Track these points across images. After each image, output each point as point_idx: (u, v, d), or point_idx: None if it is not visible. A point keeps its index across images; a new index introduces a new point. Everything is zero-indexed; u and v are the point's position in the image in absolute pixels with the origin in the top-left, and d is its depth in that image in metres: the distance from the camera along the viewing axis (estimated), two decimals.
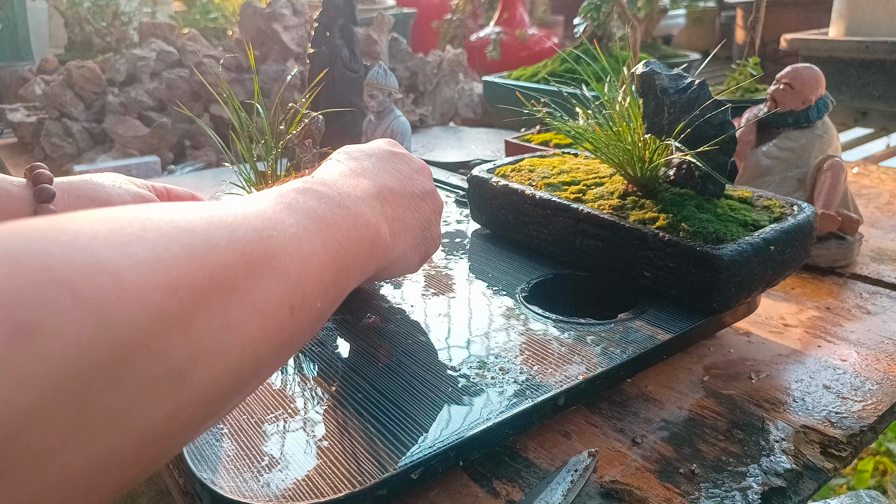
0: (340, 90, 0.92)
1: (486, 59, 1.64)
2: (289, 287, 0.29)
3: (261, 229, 0.29)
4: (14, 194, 0.45)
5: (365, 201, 0.38)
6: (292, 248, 0.30)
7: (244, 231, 0.28)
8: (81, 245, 0.21)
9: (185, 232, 0.25)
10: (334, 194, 0.36)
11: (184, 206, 0.27)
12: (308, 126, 0.55)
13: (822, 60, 1.49)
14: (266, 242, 0.28)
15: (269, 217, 0.30)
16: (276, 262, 0.28)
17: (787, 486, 0.37)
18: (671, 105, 0.51)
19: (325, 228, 0.33)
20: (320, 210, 0.34)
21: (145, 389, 0.21)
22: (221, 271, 0.25)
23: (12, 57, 1.87)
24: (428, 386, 0.41)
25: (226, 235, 0.26)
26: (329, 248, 0.33)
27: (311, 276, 0.31)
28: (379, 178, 0.42)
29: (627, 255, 0.51)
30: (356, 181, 0.40)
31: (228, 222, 0.27)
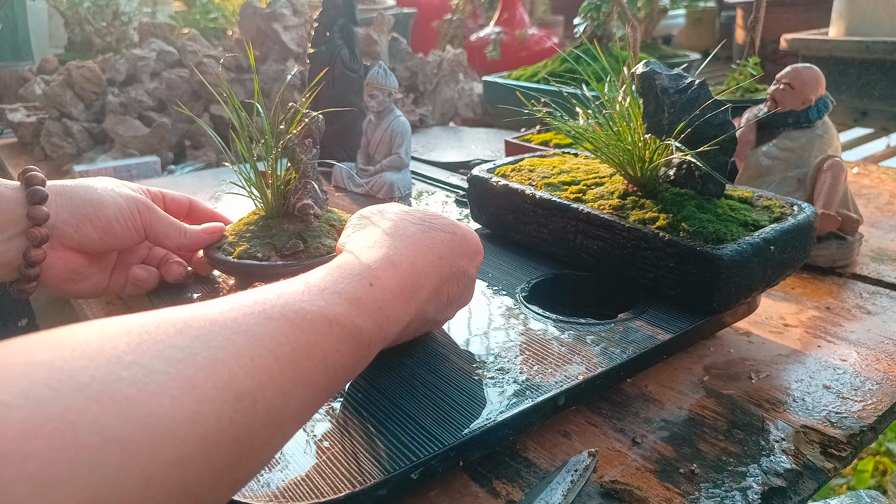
0: (340, 90, 0.92)
1: (486, 59, 1.64)
2: (246, 463, 0.25)
3: (243, 396, 0.24)
4: (7, 196, 0.45)
5: (386, 339, 0.35)
6: (275, 414, 0.26)
7: (223, 402, 0.23)
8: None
9: (135, 420, 0.21)
10: (369, 332, 0.32)
11: (166, 343, 0.23)
12: (308, 126, 0.55)
13: (822, 60, 1.49)
14: (242, 416, 0.24)
15: (267, 369, 0.26)
16: (244, 442, 0.24)
17: (787, 486, 0.37)
18: (671, 105, 0.51)
19: (329, 374, 0.29)
20: (338, 354, 0.30)
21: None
22: (167, 472, 0.21)
23: (12, 57, 1.87)
24: (428, 386, 0.41)
25: (193, 411, 0.22)
26: (320, 388, 0.29)
27: (280, 439, 0.27)
28: (426, 304, 0.39)
29: (627, 255, 0.51)
30: (404, 310, 0.36)
31: (205, 388, 0.23)
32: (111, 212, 0.48)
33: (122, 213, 0.48)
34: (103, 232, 0.47)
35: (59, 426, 0.18)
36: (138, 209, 0.49)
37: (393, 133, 0.81)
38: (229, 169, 0.64)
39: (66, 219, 0.46)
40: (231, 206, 0.79)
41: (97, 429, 0.19)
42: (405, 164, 0.83)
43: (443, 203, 0.80)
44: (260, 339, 0.26)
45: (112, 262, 0.52)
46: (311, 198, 0.56)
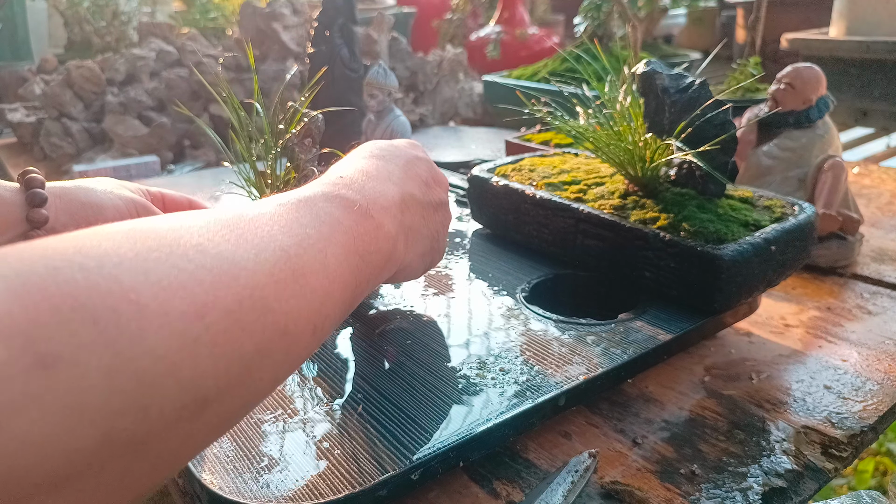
0: (340, 90, 0.91)
1: (486, 59, 1.64)
2: (314, 308, 0.28)
3: (288, 247, 0.28)
4: (6, 199, 0.44)
5: (388, 210, 0.38)
6: (320, 265, 0.29)
7: (272, 250, 0.27)
8: (106, 272, 0.21)
9: (212, 255, 0.24)
10: (362, 201, 0.36)
11: (209, 222, 0.26)
12: (307, 125, 0.55)
13: (823, 60, 1.49)
14: (294, 261, 0.28)
15: (296, 232, 0.29)
16: (304, 282, 0.28)
17: (787, 486, 0.37)
18: (672, 104, 0.51)
19: (349, 242, 0.33)
20: (346, 222, 0.33)
21: (169, 418, 0.21)
22: (251, 293, 0.24)
23: (12, 57, 1.87)
24: (428, 386, 0.40)
25: (252, 256, 0.26)
26: (351, 264, 0.32)
27: (334, 295, 0.30)
28: (404, 183, 0.42)
29: (628, 255, 0.51)
30: (382, 187, 0.39)
31: (255, 242, 0.27)
32: (110, 214, 0.47)
33: (120, 216, 0.48)
34: None
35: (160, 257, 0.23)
36: (137, 211, 0.49)
37: (393, 133, 0.81)
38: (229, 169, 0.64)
39: (65, 222, 0.46)
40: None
41: (186, 259, 0.23)
42: None
43: None
44: (281, 215, 0.30)
45: None
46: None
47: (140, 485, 0.21)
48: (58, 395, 0.18)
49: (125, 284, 0.21)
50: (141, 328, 0.20)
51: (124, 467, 0.20)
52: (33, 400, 0.17)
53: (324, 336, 0.30)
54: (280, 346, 0.26)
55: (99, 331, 0.19)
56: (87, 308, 0.19)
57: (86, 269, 0.20)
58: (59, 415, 0.18)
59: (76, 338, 0.19)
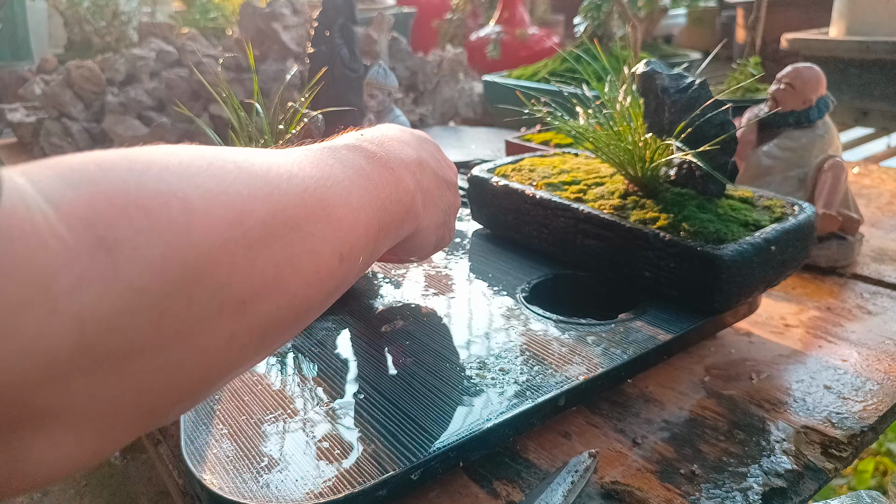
0: (340, 90, 0.91)
1: (486, 59, 1.64)
2: (340, 236, 0.30)
3: (317, 178, 0.30)
4: None
5: (407, 166, 0.40)
6: (344, 200, 0.31)
7: (302, 178, 0.29)
8: (153, 174, 0.22)
9: (249, 173, 0.26)
10: (382, 154, 0.38)
11: (244, 150, 0.28)
12: (307, 125, 0.55)
13: (823, 60, 1.49)
14: (322, 191, 0.30)
15: (324, 168, 0.31)
16: (330, 211, 0.30)
17: (787, 486, 0.37)
18: (672, 104, 0.51)
19: (371, 187, 0.34)
20: (368, 168, 0.35)
21: (211, 311, 0.22)
22: (283, 210, 0.26)
23: (12, 57, 1.87)
24: (428, 386, 0.40)
25: (286, 180, 0.28)
26: (373, 207, 0.34)
27: (359, 231, 0.32)
28: (420, 151, 0.43)
29: (628, 255, 0.51)
30: (400, 147, 0.41)
31: (287, 168, 0.29)
32: None
33: None
34: None
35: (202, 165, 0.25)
36: None
37: None
38: None
39: None
40: None
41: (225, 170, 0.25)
42: None
43: None
44: (307, 156, 0.32)
45: None
46: None
47: (192, 383, 0.23)
48: (119, 274, 0.19)
49: (172, 185, 0.22)
50: (188, 222, 0.22)
51: (178, 357, 0.22)
52: (99, 277, 0.19)
53: (351, 269, 0.32)
54: (309, 264, 0.28)
55: (152, 221, 0.21)
56: (139, 202, 0.21)
57: (134, 171, 0.22)
58: (121, 292, 0.19)
59: (132, 226, 0.20)
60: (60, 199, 0.19)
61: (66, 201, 0.19)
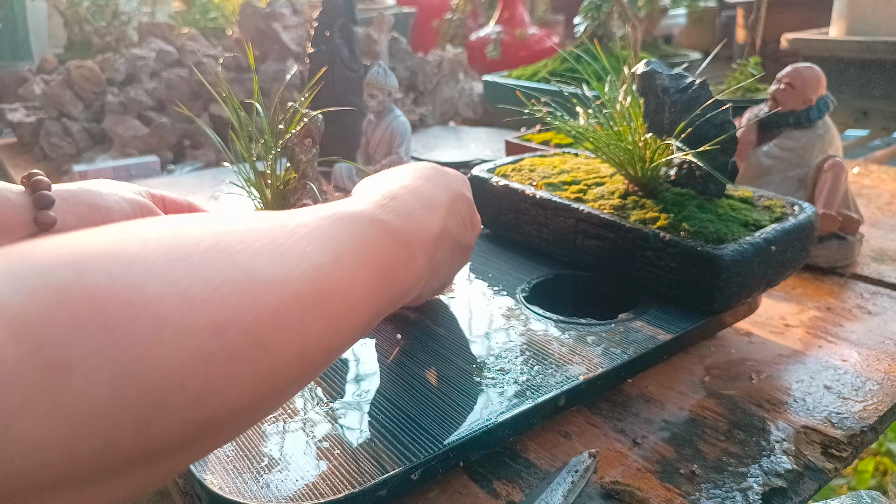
0: (340, 90, 0.91)
1: (486, 59, 1.64)
2: (332, 332, 0.28)
3: (320, 266, 0.27)
4: (13, 201, 0.44)
5: (424, 244, 0.37)
6: (346, 291, 0.29)
7: (303, 269, 0.26)
8: (131, 279, 0.20)
9: (242, 268, 0.24)
10: (404, 229, 0.35)
11: (246, 229, 0.26)
12: (307, 125, 0.55)
13: (823, 60, 1.49)
14: (323, 282, 0.27)
15: (332, 251, 0.29)
16: (328, 306, 0.27)
17: (787, 486, 0.37)
18: (672, 104, 0.51)
19: (381, 270, 0.32)
20: (384, 248, 0.33)
21: (171, 433, 0.20)
22: (274, 312, 0.24)
23: (12, 57, 1.87)
24: (428, 386, 0.40)
25: (283, 273, 0.25)
26: (376, 292, 0.31)
27: (352, 321, 0.30)
28: (446, 217, 0.41)
29: (628, 255, 0.51)
30: (427, 216, 0.39)
31: (289, 257, 0.26)
32: (116, 216, 0.47)
33: (126, 218, 0.48)
34: None
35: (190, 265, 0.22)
36: (142, 213, 0.49)
37: (393, 133, 0.81)
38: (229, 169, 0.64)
39: (72, 224, 0.46)
40: (230, 206, 0.79)
41: (216, 271, 0.23)
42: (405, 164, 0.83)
43: None
44: (321, 229, 0.30)
45: None
46: (310, 198, 0.55)
47: (139, 489, 0.21)
48: (64, 401, 0.18)
49: (148, 294, 0.20)
50: (157, 339, 0.20)
51: (123, 477, 0.20)
52: (39, 403, 0.17)
53: (334, 359, 0.30)
54: (293, 369, 0.25)
55: (114, 341, 0.19)
56: (105, 316, 0.19)
57: (111, 274, 0.20)
58: (63, 421, 0.18)
59: (90, 346, 0.18)
60: (9, 306, 0.18)
61: (20, 313, 0.18)
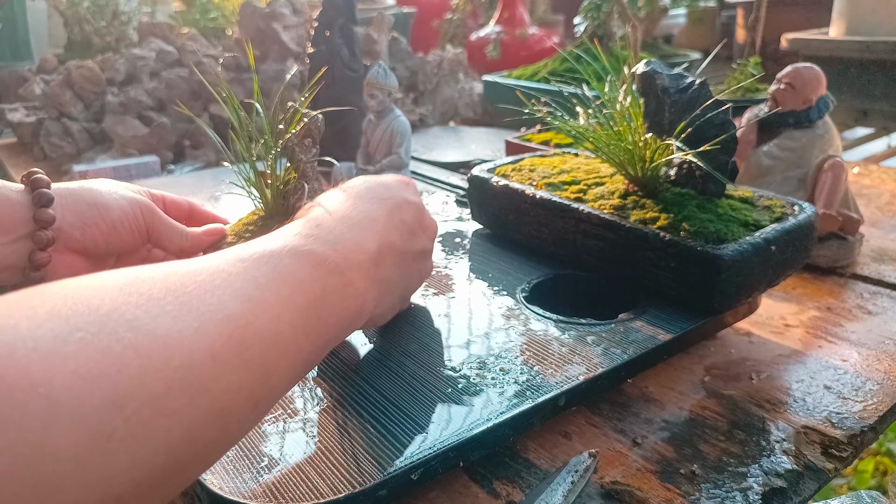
0: (340, 90, 0.91)
1: (486, 59, 1.64)
2: (258, 381, 0.26)
3: (237, 316, 0.25)
4: (13, 199, 0.44)
5: (361, 266, 0.35)
6: (270, 334, 0.27)
7: (217, 321, 0.25)
8: (17, 360, 0.19)
9: (146, 332, 0.22)
10: (332, 258, 0.33)
11: (152, 288, 0.24)
12: (307, 125, 0.55)
13: (823, 60, 1.49)
14: (241, 332, 0.25)
15: (250, 296, 0.27)
16: (249, 355, 0.25)
17: (787, 486, 0.37)
18: (672, 104, 0.51)
19: (310, 305, 0.30)
20: (311, 282, 0.31)
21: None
22: (185, 375, 0.22)
23: (12, 57, 1.87)
24: (428, 386, 0.40)
25: (193, 330, 0.23)
26: (309, 328, 0.30)
27: (283, 366, 0.28)
28: (385, 232, 0.39)
29: (628, 255, 0.51)
30: (362, 237, 0.37)
31: (200, 311, 0.24)
32: (116, 215, 0.47)
33: (126, 217, 0.48)
34: (108, 235, 0.47)
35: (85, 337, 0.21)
36: (142, 212, 0.49)
37: (393, 133, 0.81)
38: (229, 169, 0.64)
39: (71, 222, 0.46)
40: (230, 206, 0.79)
41: (115, 339, 0.21)
42: (405, 164, 0.83)
43: (443, 203, 0.80)
44: (237, 274, 0.28)
45: (112, 265, 0.52)
46: (310, 198, 0.55)
47: None
48: None
49: (35, 377, 0.19)
50: (46, 426, 0.18)
51: None
52: None
53: (267, 409, 0.28)
54: (213, 429, 0.24)
55: (2, 430, 0.18)
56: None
57: (6, 344, 0.19)
58: None
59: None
60: None
61: None
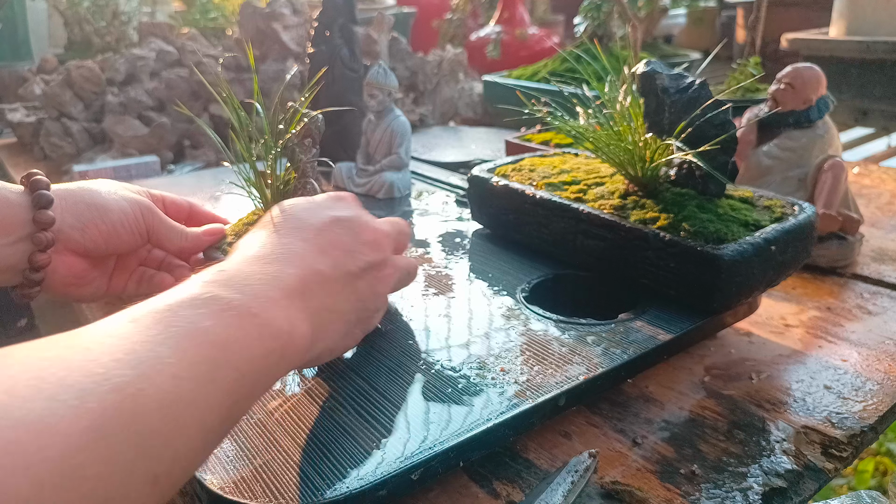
0: (340, 90, 0.91)
1: (486, 59, 1.64)
2: (154, 455, 0.23)
3: (124, 385, 0.23)
4: (13, 201, 0.44)
5: (278, 303, 0.32)
6: (167, 399, 0.24)
7: (100, 394, 0.22)
8: None
9: (12, 424, 0.20)
10: (238, 300, 0.30)
11: (20, 370, 0.22)
12: (307, 125, 0.55)
13: (823, 60, 1.49)
14: (130, 402, 0.23)
15: (143, 358, 0.24)
16: (142, 426, 0.23)
17: (787, 486, 0.37)
18: (672, 104, 0.51)
19: (219, 356, 0.27)
20: (217, 330, 0.28)
21: None
22: (58, 467, 0.20)
23: (12, 57, 1.87)
24: (428, 386, 0.40)
25: (73, 406, 0.21)
26: (222, 380, 0.27)
27: (189, 430, 0.25)
28: (310, 260, 0.36)
29: (628, 255, 0.51)
30: (276, 271, 0.34)
31: (77, 388, 0.22)
32: (116, 216, 0.47)
33: (126, 217, 0.48)
34: (108, 236, 0.47)
35: None
36: (142, 212, 0.49)
37: (393, 133, 0.81)
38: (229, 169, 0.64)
39: (71, 223, 0.46)
40: (230, 206, 0.79)
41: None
42: (405, 164, 0.83)
43: (443, 203, 0.80)
44: (126, 336, 0.25)
45: (112, 266, 0.52)
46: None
47: None
48: None
49: None
50: None
51: None
52: None
53: (176, 480, 0.25)
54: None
55: None
56: None
57: None
58: None
59: None
60: None
61: None
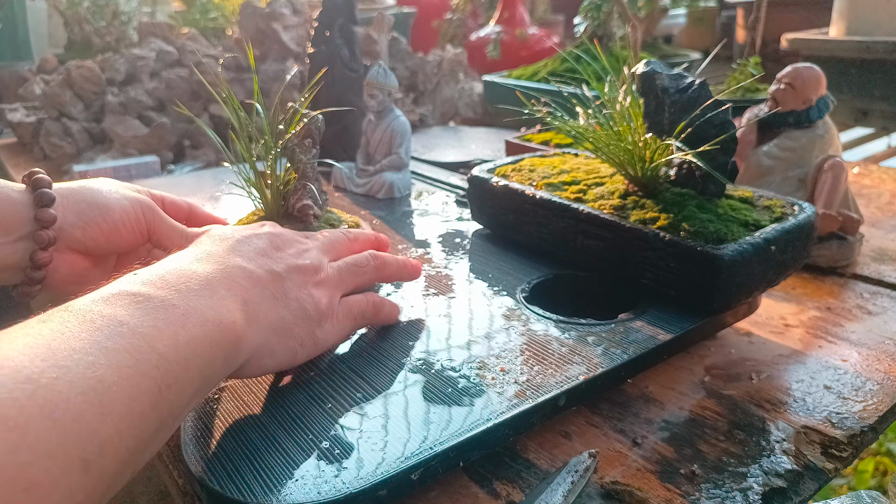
0: (340, 90, 0.91)
1: (486, 59, 1.64)
2: (79, 440, 0.24)
3: (36, 376, 0.24)
4: (14, 199, 0.44)
5: (199, 293, 0.33)
6: (84, 386, 0.25)
7: (17, 380, 0.23)
8: None
9: None
10: (152, 292, 0.31)
11: None
12: (307, 126, 0.55)
13: (823, 60, 1.49)
14: (44, 392, 0.23)
15: (55, 349, 0.25)
16: (59, 413, 0.23)
17: (787, 486, 0.37)
18: (672, 105, 0.51)
19: (137, 343, 0.28)
20: (133, 320, 0.29)
21: None
22: None
23: (12, 57, 1.87)
24: (428, 386, 0.40)
25: None
26: (143, 368, 0.28)
27: (114, 415, 0.25)
28: (228, 259, 0.37)
29: (628, 255, 0.51)
30: (189, 268, 0.35)
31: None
32: (117, 215, 0.48)
33: (127, 216, 0.48)
34: (109, 234, 0.47)
35: None
36: (143, 211, 0.49)
37: (393, 133, 0.81)
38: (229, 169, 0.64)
39: (73, 221, 0.46)
40: (230, 206, 0.79)
41: None
42: (405, 164, 0.83)
43: (443, 203, 0.80)
44: (41, 332, 0.26)
45: (112, 265, 0.52)
46: (310, 198, 0.55)
47: None
48: None
49: None
50: None
51: None
52: None
53: (111, 468, 0.25)
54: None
55: None
56: None
57: None
58: None
59: None
60: None
61: None
